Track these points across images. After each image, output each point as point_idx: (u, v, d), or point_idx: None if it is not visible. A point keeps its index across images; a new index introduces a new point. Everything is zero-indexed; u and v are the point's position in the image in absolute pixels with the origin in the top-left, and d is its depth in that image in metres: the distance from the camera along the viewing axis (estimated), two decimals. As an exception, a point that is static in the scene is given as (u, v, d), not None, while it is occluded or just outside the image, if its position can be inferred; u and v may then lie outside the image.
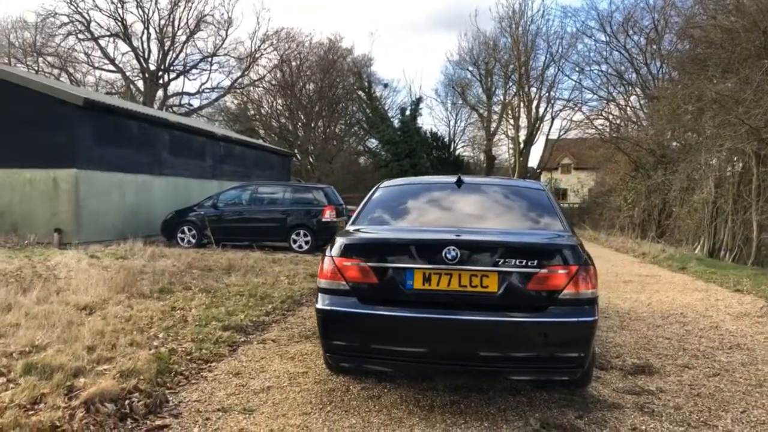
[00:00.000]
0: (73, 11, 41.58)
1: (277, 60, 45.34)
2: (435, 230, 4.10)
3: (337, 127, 48.49)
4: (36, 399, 3.68)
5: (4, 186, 13.60)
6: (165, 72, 45.31)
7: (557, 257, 3.71)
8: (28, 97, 13.31)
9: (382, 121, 37.35)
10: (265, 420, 3.74)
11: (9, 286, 6.85)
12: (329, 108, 45.41)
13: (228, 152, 20.82)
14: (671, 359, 5.30)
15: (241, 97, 47.28)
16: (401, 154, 36.71)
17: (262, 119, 46.68)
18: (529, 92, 35.43)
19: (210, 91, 47.15)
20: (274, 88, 46.68)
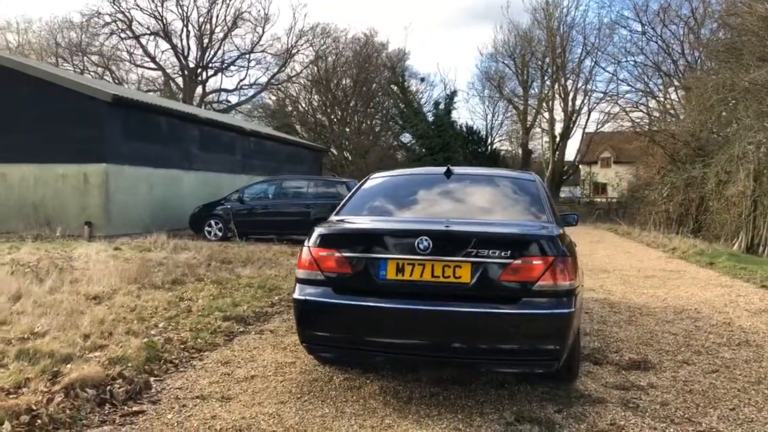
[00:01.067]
0: (115, 11, 42.58)
1: (312, 56, 45.73)
2: (410, 221, 4.07)
3: (373, 122, 48.61)
4: (20, 383, 3.80)
5: (38, 181, 14.06)
6: (204, 69, 46.10)
7: (531, 248, 3.64)
8: (60, 94, 13.73)
9: (416, 116, 37.24)
10: (239, 408, 3.78)
11: (25, 276, 7.08)
12: (364, 103, 45.53)
13: (258, 147, 21.06)
14: (671, 355, 5.15)
15: (278, 94, 47.80)
16: (435, 148, 36.56)
17: (299, 115, 47.08)
18: (565, 85, 34.86)
19: (248, 88, 47.86)
20: (310, 83, 47.07)
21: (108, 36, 43.42)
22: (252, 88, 47.66)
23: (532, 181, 4.75)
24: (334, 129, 45.04)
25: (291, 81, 46.92)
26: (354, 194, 4.75)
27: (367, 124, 48.94)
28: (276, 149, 22.49)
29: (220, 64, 46.19)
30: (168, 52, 45.39)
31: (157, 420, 3.58)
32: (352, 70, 45.61)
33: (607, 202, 36.73)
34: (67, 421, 3.43)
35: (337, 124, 46.15)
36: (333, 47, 46.05)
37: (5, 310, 5.53)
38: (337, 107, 46.95)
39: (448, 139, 36.88)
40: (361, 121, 46.37)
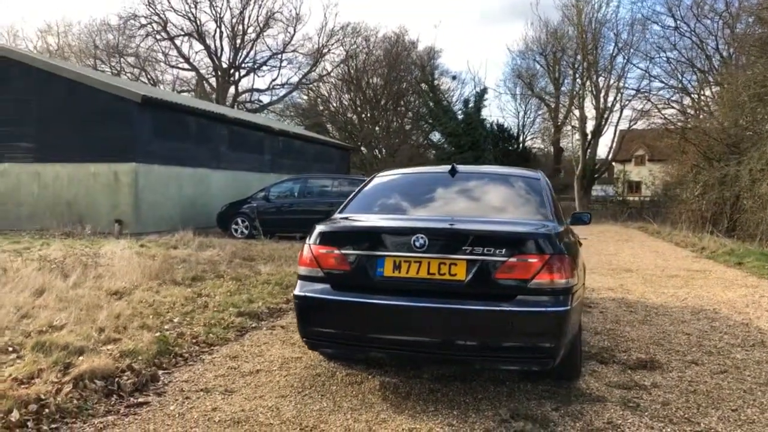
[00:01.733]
0: (151, 13, 43.39)
1: (343, 55, 45.99)
2: (407, 219, 4.12)
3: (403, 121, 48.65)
4: (33, 374, 3.96)
5: (71, 179, 14.46)
6: (236, 69, 46.70)
7: (526, 246, 3.65)
8: (92, 95, 14.11)
9: (445, 114, 37.11)
10: (240, 401, 3.88)
11: (51, 272, 7.32)
12: (394, 102, 45.59)
13: (287, 146, 21.29)
14: (681, 355, 5.09)
15: (310, 93, 48.20)
16: (464, 146, 36.38)
17: (330, 114, 47.39)
18: (597, 82, 34.32)
19: (280, 88, 48.37)
20: (340, 83, 47.35)
21: (143, 38, 44.28)
22: (284, 87, 48.19)
23: (536, 179, 4.74)
24: (363, 128, 45.22)
25: (322, 80, 47.30)
26: (359, 192, 4.81)
27: (397, 122, 49.01)
28: (304, 148, 22.70)
29: (252, 64, 46.79)
30: (201, 52, 46.19)
31: (160, 411, 3.70)
32: (383, 68, 45.72)
33: (640, 200, 36.10)
34: (73, 411, 3.57)
35: (367, 123, 46.33)
36: (363, 46, 46.27)
37: (28, 304, 5.74)
38: (367, 106, 47.12)
39: (477, 137, 36.66)
40: (391, 120, 46.43)
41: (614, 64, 33.73)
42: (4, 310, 5.47)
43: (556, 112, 41.60)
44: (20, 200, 14.75)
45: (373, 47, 46.29)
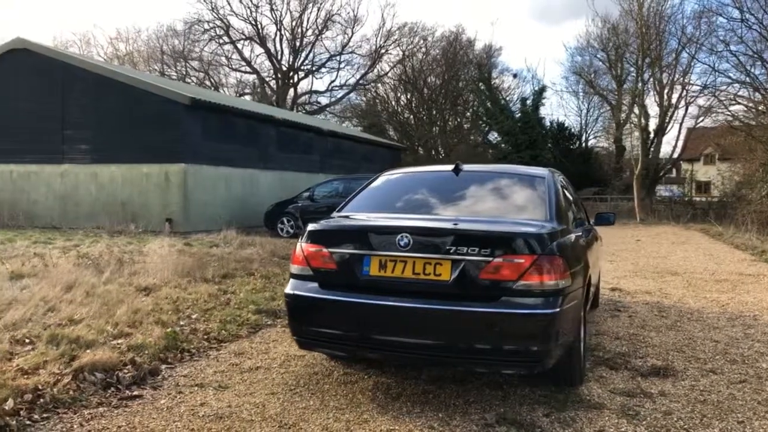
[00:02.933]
0: (214, 17, 44.60)
1: (400, 55, 46.05)
2: (396, 217, 4.08)
3: (461, 120, 48.29)
4: (39, 365, 4.12)
5: (126, 180, 15.04)
6: (295, 72, 47.46)
7: (512, 246, 3.55)
8: (144, 97, 14.63)
9: (502, 112, 36.60)
10: (230, 396, 3.93)
11: (87, 268, 7.63)
12: (452, 101, 45.32)
13: (336, 147, 21.48)
14: (701, 363, 4.83)
15: (367, 94, 48.50)
16: (521, 145, 35.78)
17: (388, 114, 47.55)
18: (660, 78, 33.05)
19: (338, 89, 48.88)
20: (397, 83, 47.42)
21: (207, 42, 45.55)
22: (342, 89, 48.66)
23: (541, 177, 4.60)
24: (419, 128, 45.14)
25: (379, 81, 47.51)
26: (361, 191, 4.79)
27: (454, 121, 48.70)
28: (354, 148, 22.85)
29: (311, 66, 47.44)
30: (262, 55, 47.10)
31: (150, 404, 3.79)
32: (440, 68, 45.52)
33: (707, 201, 34.55)
34: (67, 402, 3.70)
35: (423, 123, 46.23)
36: (420, 46, 46.21)
37: (56, 298, 5.99)
38: (424, 106, 47.02)
39: (535, 136, 35.98)
40: (448, 119, 46.18)
41: (679, 59, 32.42)
42: (32, 302, 5.74)
43: (618, 109, 40.31)
44: (79, 200, 15.45)
45: (431, 47, 46.18)
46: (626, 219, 27.25)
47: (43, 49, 16.13)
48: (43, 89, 15.61)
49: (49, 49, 16.49)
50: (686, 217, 25.55)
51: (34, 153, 15.71)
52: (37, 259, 8.35)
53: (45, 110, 15.55)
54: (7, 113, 15.97)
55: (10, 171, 16.06)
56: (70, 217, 15.34)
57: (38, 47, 16.05)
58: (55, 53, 16.20)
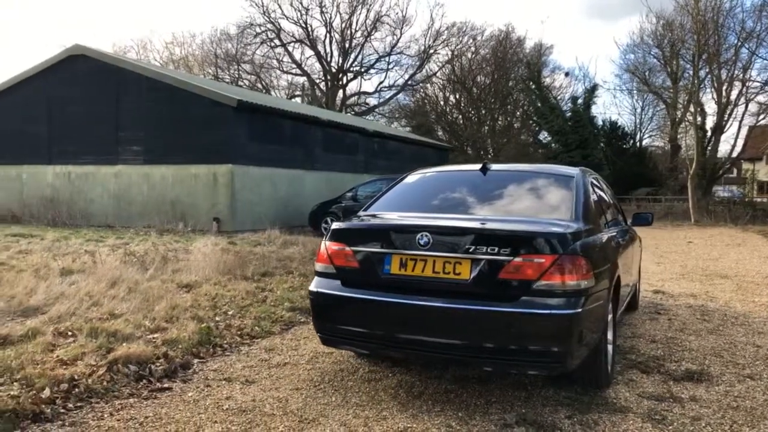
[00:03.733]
0: (266, 21, 45.33)
1: (449, 55, 45.90)
2: (418, 217, 4.09)
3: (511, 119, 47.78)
4: (78, 357, 4.31)
5: (176, 180, 15.49)
6: (344, 73, 47.84)
7: (533, 245, 3.52)
8: (193, 100, 15.04)
9: (552, 111, 36.03)
10: (255, 391, 4.02)
11: (133, 265, 7.91)
12: (501, 101, 44.90)
13: (381, 147, 21.57)
14: (739, 368, 4.68)
15: (416, 94, 48.50)
16: (571, 145, 35.17)
17: (437, 115, 47.45)
18: (719, 74, 31.89)
19: (387, 90, 49.04)
20: (447, 83, 47.27)
21: (258, 45, 46.32)
22: (390, 90, 48.79)
23: (569, 177, 4.53)
24: (468, 127, 44.87)
25: (428, 81, 47.44)
26: (388, 190, 4.83)
27: (504, 121, 48.21)
28: (399, 149, 22.90)
29: (359, 67, 47.74)
30: (312, 58, 47.64)
31: (178, 397, 3.91)
32: (489, 67, 45.15)
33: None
34: (100, 392, 3.86)
35: (472, 123, 45.92)
36: (469, 45, 45.95)
37: (100, 293, 6.23)
38: (473, 106, 46.71)
39: (586, 135, 35.31)
40: (497, 119, 45.76)
41: (739, 55, 31.22)
42: (77, 297, 6.00)
43: (673, 108, 39.13)
44: (132, 199, 15.99)
45: (480, 46, 45.85)
46: (680, 220, 26.43)
47: (99, 54, 16.77)
48: (99, 93, 16.23)
49: (104, 54, 17.12)
50: (745, 219, 24.59)
51: (91, 154, 16.35)
52: (87, 257, 8.71)
53: (100, 113, 16.17)
54: (66, 116, 16.67)
55: (69, 172, 16.75)
56: (123, 216, 15.90)
57: (94, 53, 16.70)
58: (110, 58, 16.82)
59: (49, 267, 7.68)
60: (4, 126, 17.47)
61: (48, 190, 16.82)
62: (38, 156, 17.05)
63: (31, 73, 17.11)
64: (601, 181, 5.66)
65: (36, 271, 7.29)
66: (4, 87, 17.58)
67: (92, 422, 3.46)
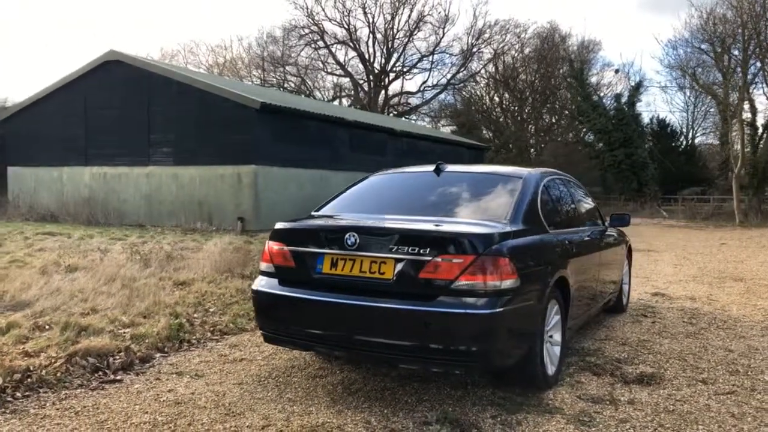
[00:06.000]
0: (310, 23, 45.87)
1: (491, 54, 45.54)
2: (351, 217, 4.18)
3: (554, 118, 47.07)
4: (42, 349, 4.56)
5: (203, 181, 15.94)
6: (387, 74, 48.00)
7: (452, 246, 3.55)
8: (220, 102, 15.44)
9: (594, 109, 35.30)
10: (199, 385, 4.17)
11: (137, 263, 8.22)
12: (543, 99, 44.27)
13: (411, 147, 21.62)
14: (697, 372, 4.57)
15: (460, 93, 48.28)
16: (614, 143, 34.43)
17: (479, 113, 47.14)
18: (771, 68, 30.63)
19: (429, 89, 48.98)
20: (490, 82, 46.91)
21: (303, 47, 46.88)
22: (434, 89, 48.71)
23: (518, 178, 4.52)
24: (511, 126, 44.41)
25: (471, 80, 47.18)
26: (342, 192, 4.92)
27: (549, 119, 47.52)
28: (430, 148, 22.89)
29: (401, 67, 47.83)
30: (355, 59, 47.94)
31: (125, 389, 4.09)
32: (532, 65, 44.59)
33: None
34: (52, 382, 4.07)
35: (516, 122, 45.43)
36: (512, 44, 45.48)
37: (92, 289, 6.51)
38: (516, 104, 46.21)
39: (630, 133, 34.48)
40: (540, 118, 45.14)
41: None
42: (69, 293, 6.30)
43: (724, 104, 37.78)
44: (162, 199, 16.53)
45: (524, 44, 45.30)
46: (725, 221, 25.58)
47: (131, 59, 17.39)
48: (132, 97, 16.84)
49: (136, 59, 17.73)
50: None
51: (124, 156, 16.99)
52: (98, 254, 9.08)
53: (133, 116, 16.78)
54: (101, 119, 17.36)
55: (104, 173, 17.44)
56: (154, 215, 16.45)
57: (128, 58, 17.34)
58: (142, 63, 17.42)
59: (58, 264, 8.05)
60: (48, 129, 18.31)
61: (85, 190, 17.56)
62: (77, 158, 17.81)
63: (70, 78, 17.89)
64: (571, 183, 5.61)
65: (43, 268, 7.66)
66: (46, 92, 18.44)
67: (32, 410, 3.67)
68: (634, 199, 33.55)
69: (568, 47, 43.61)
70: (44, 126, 18.32)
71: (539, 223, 4.26)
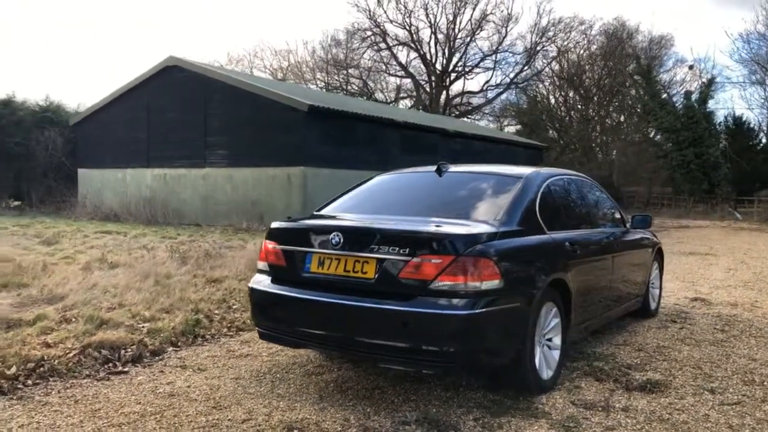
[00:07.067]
0: (372, 25, 46.21)
1: (555, 52, 44.62)
2: (342, 218, 4.24)
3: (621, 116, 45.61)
4: (61, 340, 4.82)
5: (255, 182, 16.36)
6: (448, 74, 47.78)
7: (431, 246, 3.54)
8: (270, 105, 15.83)
9: (662, 108, 33.98)
10: (198, 378, 4.31)
11: (176, 261, 8.54)
12: (609, 97, 42.99)
13: (465, 147, 21.47)
14: (708, 381, 4.36)
15: (523, 92, 47.52)
16: (683, 143, 33.02)
17: (543, 112, 46.25)
18: None
19: (493, 89, 48.44)
20: (554, 81, 45.98)
21: (365, 49, 47.25)
22: (496, 88, 48.14)
23: (518, 178, 4.45)
24: (575, 126, 43.36)
25: (535, 79, 46.36)
26: (345, 192, 4.98)
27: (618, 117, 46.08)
28: (485, 148, 22.67)
29: (463, 67, 47.51)
30: (417, 59, 47.94)
31: (128, 380, 4.28)
32: (598, 63, 43.39)
33: None
34: (63, 372, 4.30)
35: (581, 121, 44.32)
36: (578, 41, 44.42)
37: (126, 285, 6.81)
38: (581, 103, 45.09)
39: (700, 132, 32.99)
40: (606, 116, 43.84)
41: None
42: (102, 288, 6.62)
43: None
44: (217, 199, 17.07)
45: (590, 41, 44.16)
46: (802, 224, 24.14)
47: (189, 65, 18.05)
48: (190, 101, 17.48)
49: (194, 64, 18.38)
50: None
51: (182, 158, 17.65)
52: (143, 252, 9.49)
53: (191, 119, 17.41)
54: (162, 123, 18.11)
55: (164, 174, 18.16)
56: (210, 215, 17.00)
57: (186, 63, 18.00)
58: (199, 68, 18.04)
59: (102, 260, 8.46)
60: (113, 132, 19.25)
61: (147, 191, 18.33)
62: (139, 159, 18.64)
63: (134, 84, 18.75)
64: (584, 184, 5.47)
65: (87, 264, 8.07)
66: (112, 97, 19.39)
67: (37, 397, 3.89)
68: (704, 201, 32.12)
69: (635, 44, 42.16)
70: (110, 129, 19.27)
71: (535, 224, 4.18)
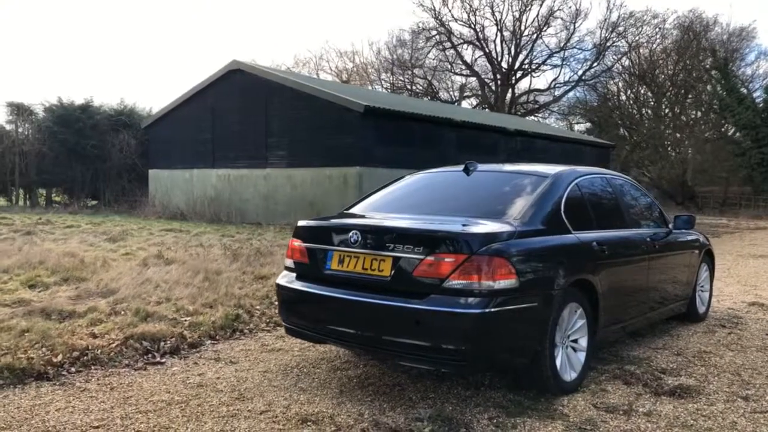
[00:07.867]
0: (437, 24, 46.09)
1: (626, 48, 43.24)
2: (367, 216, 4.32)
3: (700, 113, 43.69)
4: (107, 332, 5.11)
5: (313, 182, 16.67)
6: (514, 72, 47.09)
7: (445, 245, 3.56)
8: (326, 107, 16.10)
9: (739, 103, 32.37)
10: (228, 370, 4.48)
11: (227, 258, 8.83)
12: (683, 93, 41.24)
13: (526, 146, 21.15)
14: (744, 388, 4.19)
15: (593, 89, 46.28)
16: (763, 140, 31.35)
17: (613, 110, 44.91)
18: None
19: (560, 86, 47.43)
20: (625, 77, 44.57)
21: (430, 49, 47.16)
22: (564, 86, 47.11)
23: (543, 178, 4.41)
24: (645, 123, 41.87)
25: (605, 75, 45.06)
26: (377, 191, 5.04)
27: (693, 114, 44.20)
28: (548, 147, 22.26)
29: (529, 65, 46.70)
30: (482, 58, 47.48)
31: (163, 371, 4.49)
32: (672, 58, 41.73)
33: None
34: (103, 361, 4.56)
35: (654, 118, 42.75)
36: (650, 35, 42.88)
37: (175, 281, 7.11)
38: (653, 99, 43.48)
39: (782, 128, 31.24)
40: (680, 113, 42.07)
41: None
42: (154, 283, 6.94)
43: None
44: (277, 199, 17.49)
45: (663, 36, 42.54)
46: None
47: (251, 68, 18.57)
48: (252, 103, 17.99)
49: (255, 68, 18.89)
50: None
51: (245, 159, 18.19)
52: (199, 249, 9.86)
53: (253, 121, 17.92)
54: (226, 125, 18.71)
55: (228, 174, 18.76)
56: (270, 215, 17.45)
57: (248, 67, 18.54)
58: (260, 71, 18.53)
59: (159, 257, 8.86)
60: (181, 134, 20.04)
61: (212, 190, 18.98)
62: (204, 160, 19.32)
63: (200, 87, 19.46)
64: (620, 183, 5.34)
65: (144, 260, 8.47)
66: (180, 100, 20.18)
67: (78, 384, 4.15)
68: (787, 201, 30.45)
69: (712, 37, 40.30)
70: (178, 131, 20.06)
71: (560, 224, 4.13)
